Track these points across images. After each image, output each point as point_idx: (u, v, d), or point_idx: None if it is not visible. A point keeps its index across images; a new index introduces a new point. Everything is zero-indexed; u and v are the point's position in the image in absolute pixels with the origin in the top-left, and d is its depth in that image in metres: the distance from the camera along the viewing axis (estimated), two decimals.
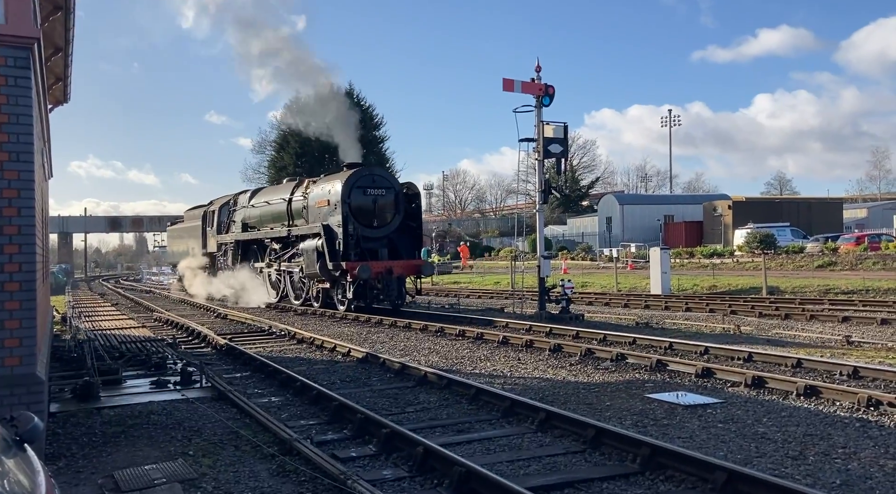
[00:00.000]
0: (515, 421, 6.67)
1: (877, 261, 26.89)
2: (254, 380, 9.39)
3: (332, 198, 17.77)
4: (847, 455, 5.38)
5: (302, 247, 18.76)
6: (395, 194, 18.12)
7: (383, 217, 17.90)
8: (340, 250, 17.12)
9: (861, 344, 11.14)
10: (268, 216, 21.78)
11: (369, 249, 17.67)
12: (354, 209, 17.42)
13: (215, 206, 26.43)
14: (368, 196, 17.71)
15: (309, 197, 19.13)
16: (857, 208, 59.39)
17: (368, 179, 17.94)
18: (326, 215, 17.84)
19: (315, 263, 17.81)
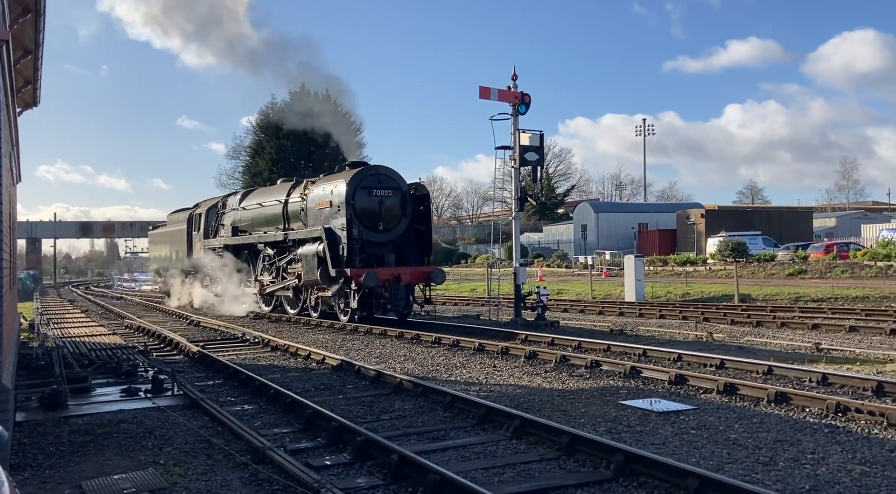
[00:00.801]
0: (491, 428, 6.67)
1: (845, 270, 27.41)
2: (227, 388, 9.28)
3: (334, 199, 16.39)
4: (816, 461, 5.46)
5: (300, 253, 17.43)
6: (403, 195, 16.79)
7: (390, 220, 16.57)
8: (344, 256, 15.81)
9: (830, 351, 11.32)
10: (261, 219, 20.34)
11: (375, 255, 16.39)
12: (359, 211, 16.10)
13: (202, 209, 24.90)
14: (374, 197, 16.36)
15: (308, 198, 17.73)
16: (827, 217, 60.48)
17: (374, 179, 16.55)
18: (328, 217, 16.55)
19: (315, 270, 16.51)
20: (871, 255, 29.21)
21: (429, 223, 17.44)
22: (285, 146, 48.25)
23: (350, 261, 15.73)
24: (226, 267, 21.94)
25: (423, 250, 17.26)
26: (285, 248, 18.84)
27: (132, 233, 76.24)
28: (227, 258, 21.88)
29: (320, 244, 16.36)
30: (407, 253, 16.94)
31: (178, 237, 26.62)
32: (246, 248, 21.33)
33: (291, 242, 18.25)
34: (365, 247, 16.11)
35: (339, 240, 16.01)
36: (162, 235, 29.80)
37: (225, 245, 22.25)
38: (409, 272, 16.15)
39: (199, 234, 24.50)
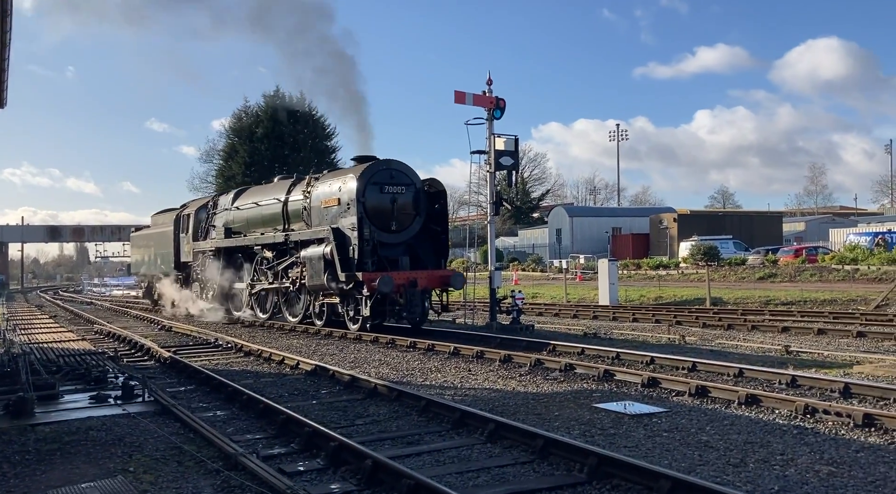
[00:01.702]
0: (465, 433, 6.67)
1: (814, 273, 27.90)
2: (199, 394, 9.17)
3: (343, 197, 15.03)
4: (785, 462, 5.54)
5: (304, 255, 15.94)
6: (416, 192, 15.51)
7: (403, 219, 15.29)
8: (355, 258, 14.45)
9: (799, 354, 11.51)
10: (257, 219, 18.86)
11: (387, 257, 15.12)
12: (370, 210, 14.80)
13: (191, 209, 23.27)
14: (386, 194, 15.02)
15: (312, 196, 16.29)
16: (796, 222, 61.52)
17: (386, 174, 15.19)
18: (336, 217, 15.19)
19: (321, 273, 14.99)
20: (838, 259, 29.77)
21: (445, 222, 16.15)
22: (259, 149, 47.88)
23: (361, 264, 14.44)
24: (217, 272, 20.47)
25: (438, 252, 16.01)
26: (285, 251, 17.48)
27: (102, 237, 75.11)
28: (219, 262, 20.42)
29: (327, 245, 15.00)
30: (422, 255, 15.72)
31: (164, 239, 25.04)
32: (240, 251, 19.84)
33: (293, 244, 16.91)
34: (377, 249, 14.87)
35: (349, 241, 14.71)
36: (146, 238, 28.03)
37: (216, 248, 20.62)
38: (426, 276, 14.92)
39: (188, 236, 22.89)
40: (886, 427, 6.37)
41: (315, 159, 44.18)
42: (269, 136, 47.87)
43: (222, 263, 20.28)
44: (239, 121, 51.32)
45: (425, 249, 15.80)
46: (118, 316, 25.46)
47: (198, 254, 21.96)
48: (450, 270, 16.00)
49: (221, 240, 20.29)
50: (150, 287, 27.52)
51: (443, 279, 15.30)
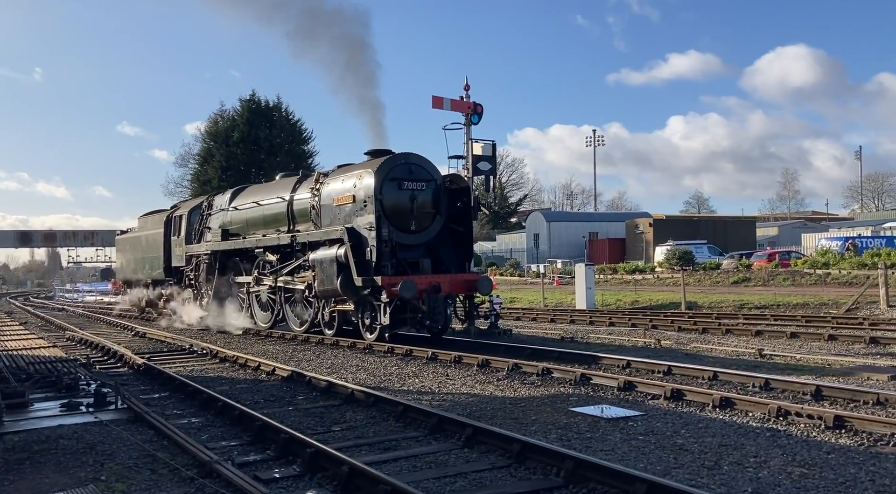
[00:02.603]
0: (443, 438, 6.66)
1: (787, 278, 28.31)
2: (173, 401, 9.06)
3: (359, 194, 13.80)
4: (758, 464, 5.61)
5: (314, 258, 14.57)
6: (437, 189, 14.28)
7: (422, 218, 14.09)
8: (373, 261, 13.26)
9: (772, 357, 11.66)
10: (258, 220, 17.56)
11: (408, 260, 13.96)
12: (387, 208, 13.58)
13: (183, 210, 21.88)
14: (404, 191, 13.80)
15: (322, 193, 14.97)
16: (769, 226, 62.44)
17: (404, 169, 13.96)
18: (350, 216, 13.95)
19: (333, 278, 13.71)
20: (810, 263, 30.25)
21: (469, 222, 14.82)
22: (235, 154, 47.51)
23: (379, 268, 13.21)
24: (213, 277, 19.15)
25: (461, 254, 14.77)
26: (291, 253, 16.21)
27: (75, 243, 73.91)
28: (215, 266, 19.07)
29: (340, 247, 13.77)
30: (443, 257, 14.53)
31: (153, 243, 23.50)
32: (239, 254, 18.47)
33: (300, 246, 15.62)
34: (395, 251, 13.68)
35: (366, 242, 13.49)
36: (132, 241, 26.22)
37: (212, 251, 19.16)
38: (449, 280, 13.74)
39: (180, 239, 21.35)
40: (856, 429, 6.48)
41: (292, 164, 43.90)
42: (245, 140, 47.51)
43: (218, 268, 19.02)
44: (215, 125, 50.90)
45: (447, 251, 14.62)
46: (91, 322, 25.07)
47: (191, 258, 20.65)
48: (475, 274, 14.87)
49: (218, 242, 18.98)
50: (137, 293, 26.10)
51: (468, 284, 14.09)
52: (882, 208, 78.26)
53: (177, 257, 21.63)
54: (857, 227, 50.22)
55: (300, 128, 51.06)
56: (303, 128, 51.28)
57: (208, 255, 19.41)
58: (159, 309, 23.21)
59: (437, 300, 13.19)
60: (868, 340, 13.18)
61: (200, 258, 19.93)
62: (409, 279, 12.78)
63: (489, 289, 14.44)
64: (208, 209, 20.27)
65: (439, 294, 13.23)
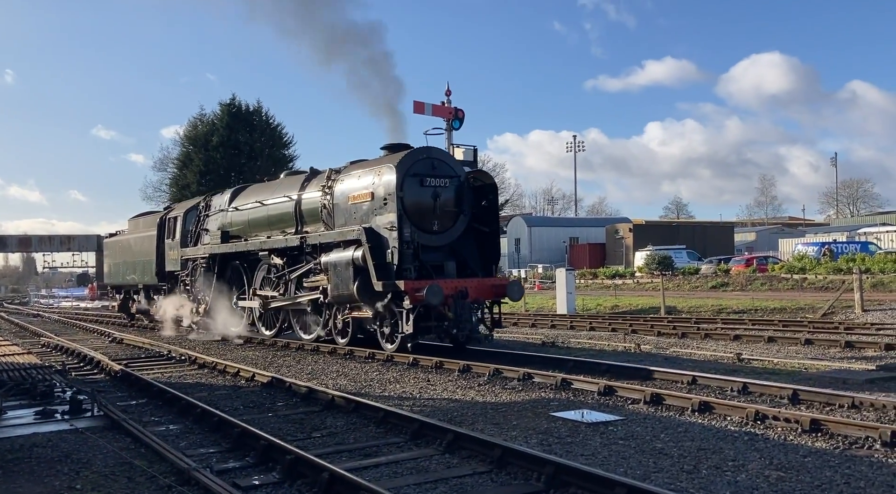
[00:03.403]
0: (424, 443, 6.65)
1: (764, 282, 28.66)
2: (151, 407, 8.96)
3: (378, 191, 12.75)
4: (736, 468, 5.66)
5: (328, 261, 13.41)
6: (460, 186, 13.29)
7: (445, 218, 13.07)
8: (394, 264, 12.26)
9: (750, 361, 11.79)
10: (261, 221, 16.43)
11: (431, 263, 12.95)
12: (409, 206, 12.54)
13: (177, 212, 20.68)
14: (427, 188, 12.78)
15: (335, 191, 13.87)
16: (747, 232, 63.18)
17: (426, 165, 12.92)
18: (368, 215, 12.91)
19: (349, 282, 12.64)
20: (787, 268, 30.65)
21: (495, 222, 13.89)
22: (214, 158, 47.18)
23: (401, 271, 12.23)
24: (211, 283, 17.96)
25: (487, 257, 13.75)
26: (302, 256, 14.99)
27: (51, 248, 72.92)
28: (214, 270, 17.91)
29: (357, 249, 12.67)
30: (468, 260, 13.54)
31: (145, 246, 22.11)
32: (239, 258, 17.30)
33: (310, 248, 14.44)
34: (419, 253, 12.67)
35: (386, 244, 12.44)
36: (122, 244, 24.58)
37: (211, 254, 17.93)
38: (476, 285, 12.74)
39: (174, 242, 20.15)
40: (832, 432, 6.57)
41: (272, 168, 43.62)
42: (224, 145, 47.22)
43: (217, 272, 17.84)
44: (194, 130, 50.55)
45: (471, 253, 13.59)
46: (67, 328, 24.73)
47: (186, 263, 19.39)
48: (504, 278, 13.85)
49: (217, 245, 17.72)
50: (126, 299, 24.91)
51: (497, 289, 13.03)
52: (857, 214, 79.53)
53: (171, 261, 20.39)
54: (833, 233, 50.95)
55: (281, 133, 50.88)
56: (283, 133, 51.12)
57: (206, 259, 18.26)
58: (151, 315, 22.33)
59: (464, 306, 12.20)
60: (843, 344, 13.36)
61: (197, 262, 18.74)
62: (436, 283, 11.81)
63: (520, 295, 13.46)
64: (205, 210, 19.10)
65: (466, 299, 12.24)
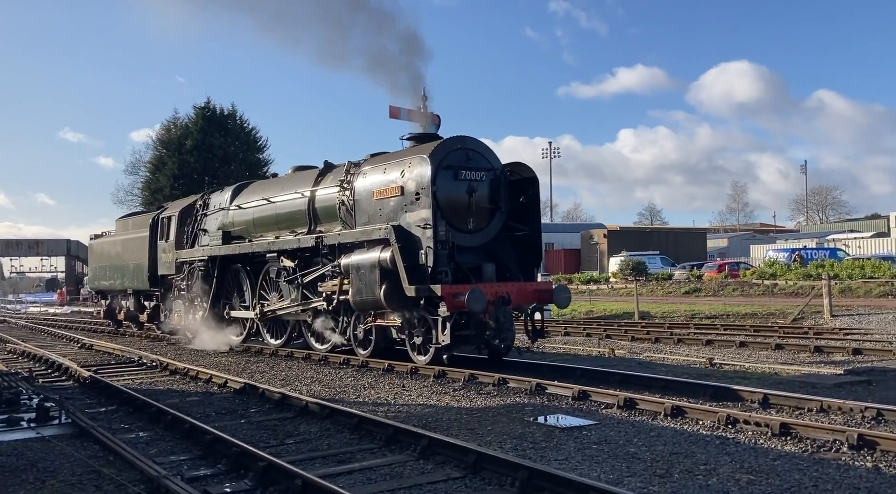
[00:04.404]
0: (398, 449, 6.62)
1: (736, 288, 29.05)
2: (120, 414, 8.81)
3: (408, 185, 11.50)
4: (708, 472, 5.72)
5: (348, 263, 12.18)
6: (496, 180, 12.07)
7: (480, 215, 11.86)
8: (429, 266, 11.00)
9: (722, 366, 11.92)
10: (268, 220, 15.13)
11: (468, 265, 11.71)
12: (442, 202, 11.29)
13: (172, 211, 19.14)
14: (461, 181, 11.56)
15: (356, 186, 12.56)
16: (719, 238, 64.01)
17: (460, 156, 11.69)
18: (396, 212, 11.66)
19: (376, 287, 11.42)
20: (758, 274, 31.10)
21: (536, 220, 12.54)
22: (188, 161, 46.66)
23: (436, 275, 11.01)
24: (210, 287, 16.66)
25: (528, 258, 12.49)
26: (312, 258, 13.82)
27: (18, 252, 71.58)
28: (213, 274, 16.61)
29: (385, 249, 11.46)
30: (507, 263, 12.31)
31: (135, 248, 20.54)
32: (241, 260, 16.01)
33: (326, 249, 13.17)
34: (454, 255, 11.46)
35: (418, 244, 11.18)
36: (109, 246, 22.89)
37: (210, 256, 16.61)
38: (518, 290, 11.55)
39: (169, 243, 18.68)
40: (801, 436, 6.67)
41: (247, 172, 43.34)
42: (198, 148, 46.71)
43: (217, 276, 16.52)
44: (167, 133, 49.97)
45: (507, 254, 12.36)
46: (35, 334, 24.24)
47: (182, 266, 17.92)
48: (549, 283, 12.79)
49: (218, 246, 16.39)
50: (112, 305, 23.20)
51: (540, 294, 11.86)
52: (826, 221, 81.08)
53: (164, 264, 18.93)
54: (803, 239, 51.87)
55: (255, 136, 50.48)
56: (258, 136, 50.73)
57: (204, 261, 16.89)
58: (141, 322, 21.05)
59: (506, 313, 11.11)
60: (813, 349, 13.58)
61: (194, 265, 17.33)
62: (478, 288, 10.65)
63: (567, 302, 12.36)
64: (203, 209, 17.70)
65: (508, 306, 11.15)
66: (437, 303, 10.80)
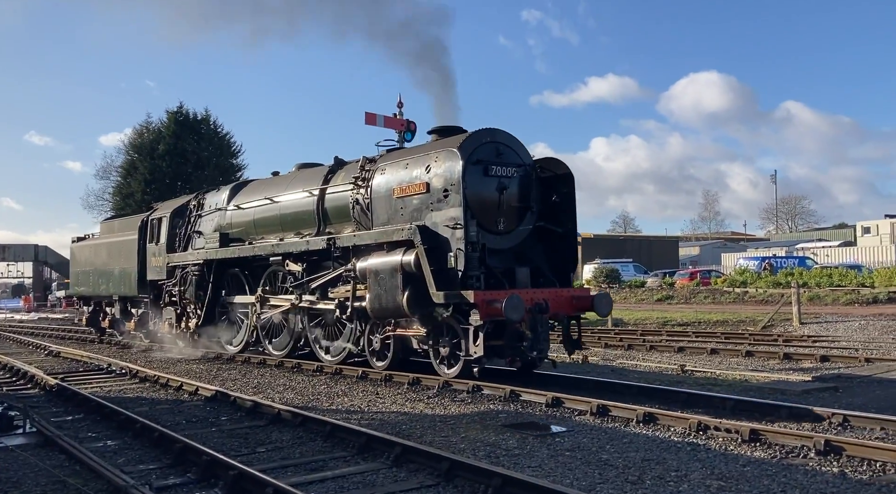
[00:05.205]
0: (371, 457, 6.58)
1: (707, 295, 29.42)
2: (88, 423, 8.65)
3: (435, 181, 10.58)
4: (679, 478, 5.77)
5: (366, 267, 11.15)
6: (526, 176, 11.16)
7: (511, 215, 10.98)
8: (459, 270, 10.06)
9: (694, 373, 12.05)
10: (271, 221, 14.22)
11: (500, 268, 10.88)
12: (471, 200, 10.35)
13: (163, 212, 18.10)
14: (492, 177, 10.68)
15: (374, 183, 11.66)
16: (691, 246, 64.84)
17: (490, 150, 10.79)
18: (420, 211, 10.77)
19: (397, 292, 10.45)
20: (729, 282, 31.53)
21: (571, 221, 11.47)
22: (160, 166, 46.12)
23: (466, 280, 10.10)
24: (205, 293, 15.76)
25: (564, 263, 11.53)
26: (320, 262, 12.91)
27: None
28: (209, 279, 15.70)
29: (408, 252, 10.52)
30: (540, 266, 11.39)
31: (122, 251, 19.40)
32: (240, 264, 15.08)
33: (339, 251, 12.19)
34: (484, 258, 10.60)
35: (446, 246, 10.28)
36: (93, 249, 21.46)
37: (206, 260, 15.64)
38: (554, 296, 10.61)
39: (159, 246, 17.65)
40: (770, 442, 6.75)
41: (220, 177, 42.92)
42: (171, 153, 46.22)
43: (213, 281, 15.65)
44: (140, 137, 49.38)
45: (539, 258, 11.45)
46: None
47: (175, 270, 16.90)
48: (587, 290, 11.99)
49: (215, 249, 15.37)
50: (96, 312, 21.90)
51: (578, 301, 10.94)
52: (796, 229, 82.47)
53: (154, 269, 17.88)
54: (773, 248, 52.74)
55: (229, 141, 50.09)
56: (232, 141, 50.34)
57: (199, 266, 15.90)
58: (126, 330, 20.07)
59: (542, 322, 10.21)
60: (782, 356, 13.78)
61: (188, 270, 16.32)
62: (517, 294, 9.83)
63: (609, 311, 11.40)
64: (197, 210, 16.81)
65: (545, 314, 10.29)
66: (468, 311, 9.91)
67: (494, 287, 10.43)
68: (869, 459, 6.10)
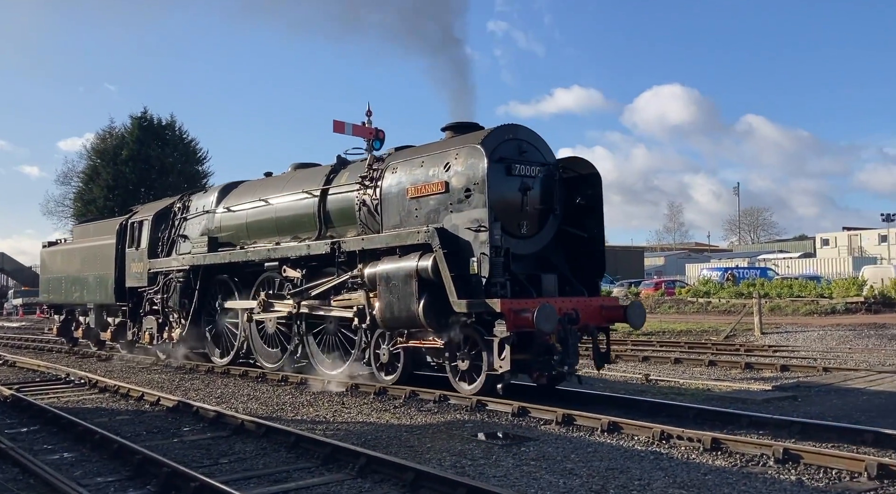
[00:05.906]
0: (336, 468, 6.53)
1: (672, 305, 29.85)
2: (44, 435, 8.43)
3: (455, 180, 9.81)
4: (642, 487, 5.82)
5: (375, 273, 10.36)
6: (549, 176, 10.43)
7: (533, 218, 10.24)
8: (483, 276, 9.28)
9: (658, 382, 12.20)
10: (266, 224, 13.40)
11: (525, 275, 10.13)
12: (493, 201, 9.49)
13: (145, 215, 17.11)
14: (514, 178, 9.92)
15: (385, 182, 10.86)
16: (656, 256, 65.79)
17: (512, 147, 10.08)
18: (437, 212, 9.99)
19: (412, 301, 9.65)
20: (693, 292, 32.05)
21: (599, 224, 10.75)
22: (123, 172, 45.35)
23: (490, 287, 9.31)
24: (191, 301, 14.83)
25: (592, 269, 10.79)
26: (320, 268, 12.08)
27: None
28: (194, 286, 14.77)
29: (424, 257, 9.73)
30: (565, 273, 10.65)
31: (98, 256, 18.30)
32: (229, 271, 14.21)
33: (345, 256, 11.34)
34: (509, 264, 9.82)
35: (467, 250, 9.48)
36: (66, 255, 20.28)
37: (193, 266, 14.68)
38: (584, 306, 9.96)
39: (140, 252, 16.67)
40: (731, 451, 6.86)
41: (185, 184, 42.36)
42: (134, 159, 45.49)
43: (199, 288, 14.72)
44: (103, 143, 48.51)
45: (562, 265, 10.74)
46: None
47: (156, 277, 15.94)
48: (614, 298, 11.62)
49: (203, 254, 14.39)
50: (68, 321, 20.61)
51: (609, 312, 10.29)
52: (757, 241, 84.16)
53: (134, 276, 16.84)
54: (736, 258, 53.79)
55: (195, 148, 49.49)
56: (197, 148, 49.74)
57: (184, 272, 14.95)
58: (103, 340, 19.09)
59: (572, 334, 9.52)
60: (744, 366, 14.02)
61: (171, 276, 15.37)
62: (548, 304, 9.11)
63: (642, 322, 10.53)
64: (183, 212, 15.88)
65: (574, 325, 9.60)
66: (492, 321, 9.16)
67: (519, 295, 9.70)
68: (825, 467, 6.23)
